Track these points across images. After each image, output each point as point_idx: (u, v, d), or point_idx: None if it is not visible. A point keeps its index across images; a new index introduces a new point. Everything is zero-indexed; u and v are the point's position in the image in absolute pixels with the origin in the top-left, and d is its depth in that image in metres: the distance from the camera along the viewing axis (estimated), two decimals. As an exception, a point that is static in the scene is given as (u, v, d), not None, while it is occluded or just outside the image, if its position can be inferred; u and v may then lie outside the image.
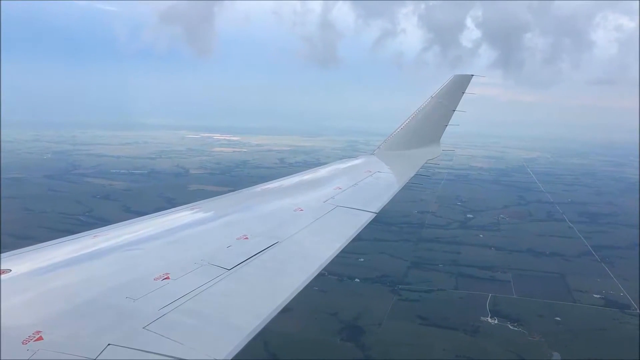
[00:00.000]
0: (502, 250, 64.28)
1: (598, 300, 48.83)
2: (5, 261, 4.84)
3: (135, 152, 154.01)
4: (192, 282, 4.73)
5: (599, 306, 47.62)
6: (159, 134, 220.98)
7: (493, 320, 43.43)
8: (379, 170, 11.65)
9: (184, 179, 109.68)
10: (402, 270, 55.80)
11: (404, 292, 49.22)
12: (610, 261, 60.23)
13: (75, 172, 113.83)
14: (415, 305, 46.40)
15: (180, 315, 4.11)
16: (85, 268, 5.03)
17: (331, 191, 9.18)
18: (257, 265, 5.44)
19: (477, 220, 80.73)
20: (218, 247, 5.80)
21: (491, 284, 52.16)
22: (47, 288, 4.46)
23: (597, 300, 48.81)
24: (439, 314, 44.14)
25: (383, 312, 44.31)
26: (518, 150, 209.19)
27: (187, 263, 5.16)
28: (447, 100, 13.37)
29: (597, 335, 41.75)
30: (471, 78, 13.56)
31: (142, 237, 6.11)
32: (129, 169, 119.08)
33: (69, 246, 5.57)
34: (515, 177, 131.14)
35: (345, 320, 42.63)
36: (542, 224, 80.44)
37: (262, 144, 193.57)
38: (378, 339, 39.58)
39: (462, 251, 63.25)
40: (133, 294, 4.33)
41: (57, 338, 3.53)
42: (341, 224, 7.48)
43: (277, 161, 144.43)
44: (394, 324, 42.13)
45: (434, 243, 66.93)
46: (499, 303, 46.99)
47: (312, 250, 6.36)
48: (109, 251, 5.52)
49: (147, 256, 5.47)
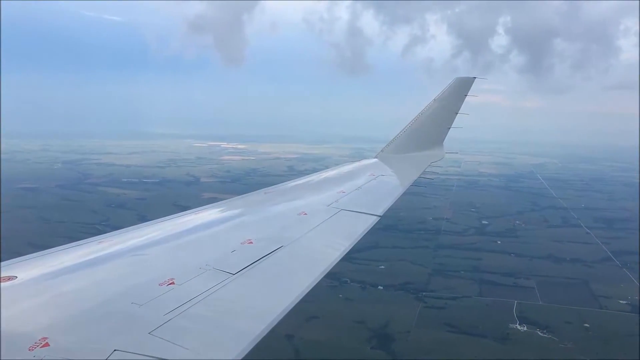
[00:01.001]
0: (522, 256, 64.00)
1: (624, 306, 48.51)
2: (11, 267, 4.81)
3: (144, 161, 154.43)
4: (197, 287, 4.72)
5: (626, 312, 47.28)
6: (165, 143, 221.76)
7: (522, 327, 43.16)
8: (382, 174, 11.57)
9: (196, 188, 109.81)
10: (424, 277, 55.56)
11: (428, 300, 48.97)
12: (631, 267, 59.88)
13: (87, 181, 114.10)
14: (441, 312, 46.16)
15: (186, 320, 4.11)
16: (90, 274, 5.02)
17: (335, 195, 9.10)
18: (262, 269, 5.39)
19: (493, 227, 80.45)
20: (223, 252, 5.78)
21: (515, 290, 51.89)
22: (53, 294, 4.46)
23: (624, 306, 48.48)
24: (467, 322, 43.87)
25: (410, 319, 44.08)
26: (524, 156, 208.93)
27: (192, 268, 5.14)
28: (450, 103, 13.31)
29: (628, 341, 41.31)
30: (473, 81, 13.47)
31: (146, 242, 6.08)
32: (140, 178, 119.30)
33: (74, 252, 5.56)
34: (525, 183, 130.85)
35: (374, 328, 42.39)
36: (559, 230, 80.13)
37: (268, 152, 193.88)
38: (408, 347, 39.36)
39: (482, 258, 63.00)
40: (138, 300, 4.32)
41: (63, 344, 3.53)
42: (345, 228, 7.44)
43: (286, 169, 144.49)
44: (423, 332, 41.91)
45: (453, 250, 66.69)
46: (526, 310, 46.71)
47: (317, 254, 6.31)
48: (114, 257, 5.51)
49: (152, 261, 5.46)
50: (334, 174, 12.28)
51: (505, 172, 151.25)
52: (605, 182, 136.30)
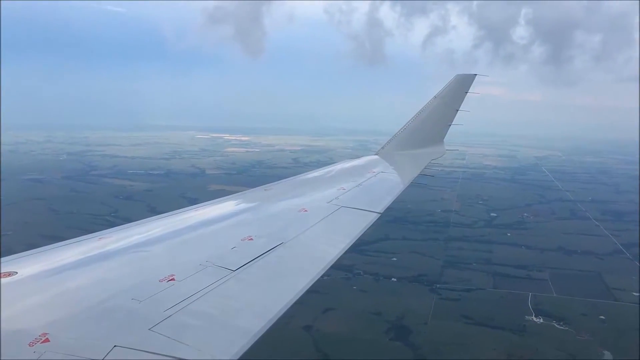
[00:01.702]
0: (533, 249, 64.02)
1: (638, 299, 48.54)
2: (11, 263, 4.81)
3: (149, 152, 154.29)
4: (198, 283, 4.72)
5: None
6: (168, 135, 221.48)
7: (538, 319, 43.21)
8: (383, 171, 11.60)
9: (202, 180, 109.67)
10: (437, 269, 55.59)
11: (443, 291, 49.01)
12: (642, 259, 59.90)
13: (93, 173, 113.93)
14: (457, 304, 46.22)
15: (186, 317, 4.11)
16: (90, 270, 5.03)
17: (335, 192, 9.09)
18: (262, 266, 5.40)
19: (502, 219, 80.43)
20: (223, 248, 5.77)
21: (529, 282, 51.93)
22: (53, 290, 4.47)
23: (637, 299, 48.51)
24: (483, 313, 43.90)
25: (426, 311, 44.11)
26: (528, 148, 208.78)
27: (192, 264, 5.14)
28: (450, 100, 13.27)
29: (645, 333, 41.43)
30: (474, 78, 13.35)
31: (147, 238, 6.09)
32: (145, 170, 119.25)
33: (74, 248, 5.55)
34: (530, 175, 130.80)
35: (390, 320, 42.44)
36: (567, 222, 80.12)
37: (272, 144, 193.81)
38: (426, 338, 39.40)
39: (493, 250, 63.03)
40: (138, 296, 4.32)
41: (63, 340, 3.53)
42: (346, 225, 7.44)
43: (292, 161, 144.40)
44: (440, 323, 41.96)
45: (463, 242, 66.73)
46: (541, 302, 46.75)
47: (317, 251, 6.32)
48: (114, 253, 5.50)
49: (152, 258, 5.46)
50: (334, 170, 12.32)
51: (510, 165, 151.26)
52: (610, 174, 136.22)
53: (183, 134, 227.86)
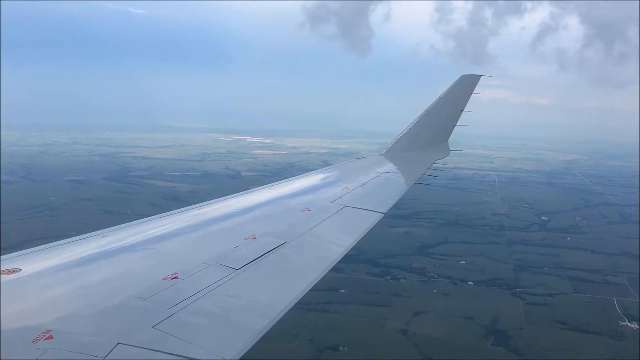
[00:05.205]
0: (598, 253, 63.36)
1: None
2: (15, 260, 4.83)
3: (178, 154, 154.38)
4: (201, 281, 4.76)
5: None
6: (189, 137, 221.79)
7: (633, 324, 42.57)
8: (387, 171, 11.62)
9: (240, 181, 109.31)
10: (510, 273, 55.04)
11: (526, 296, 48.43)
12: None
13: (130, 174, 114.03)
14: (545, 309, 45.67)
15: (189, 315, 4.13)
16: (94, 267, 5.05)
17: (339, 191, 9.08)
18: (265, 265, 5.43)
19: (555, 223, 79.73)
20: (226, 247, 5.79)
21: (608, 287, 51.33)
22: (57, 287, 4.49)
23: None
24: (576, 318, 43.37)
25: (517, 316, 43.62)
26: (552, 152, 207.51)
27: (195, 263, 5.17)
28: (455, 100, 13.13)
29: None
30: (479, 78, 13.25)
31: (150, 236, 6.07)
32: (181, 172, 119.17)
33: (78, 246, 5.56)
34: (566, 179, 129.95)
35: (484, 324, 41.97)
36: (621, 226, 79.38)
37: (296, 147, 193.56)
38: (528, 344, 38.89)
39: (559, 254, 62.40)
40: (142, 294, 4.34)
41: (66, 337, 3.55)
42: (349, 224, 7.49)
43: (322, 163, 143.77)
44: (536, 328, 41.39)
45: (524, 245, 66.14)
46: (629, 307, 46.12)
47: (321, 250, 6.35)
48: (118, 251, 5.53)
49: (156, 256, 5.47)
50: (338, 170, 12.43)
51: (541, 169, 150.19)
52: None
53: (204, 136, 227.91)
